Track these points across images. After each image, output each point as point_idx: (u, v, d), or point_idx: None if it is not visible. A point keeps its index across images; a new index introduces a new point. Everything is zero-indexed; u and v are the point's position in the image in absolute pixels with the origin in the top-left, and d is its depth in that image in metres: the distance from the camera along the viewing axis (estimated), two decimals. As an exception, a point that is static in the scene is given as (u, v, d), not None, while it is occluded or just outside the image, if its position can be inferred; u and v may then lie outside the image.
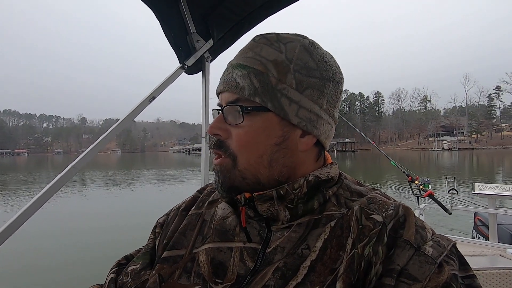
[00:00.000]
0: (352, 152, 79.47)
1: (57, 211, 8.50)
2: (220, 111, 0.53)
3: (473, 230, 3.91)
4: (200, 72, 1.29)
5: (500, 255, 2.12)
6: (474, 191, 2.94)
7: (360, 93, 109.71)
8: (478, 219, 3.83)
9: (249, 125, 0.49)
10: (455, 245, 0.46)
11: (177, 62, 1.23)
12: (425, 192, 2.73)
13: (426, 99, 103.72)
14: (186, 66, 1.20)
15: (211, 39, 1.23)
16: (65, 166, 0.95)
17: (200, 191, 0.66)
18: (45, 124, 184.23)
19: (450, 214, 2.76)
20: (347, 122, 2.92)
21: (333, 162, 0.56)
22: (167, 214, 0.65)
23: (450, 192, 3.23)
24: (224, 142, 0.51)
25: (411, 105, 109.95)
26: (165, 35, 1.17)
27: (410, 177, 2.91)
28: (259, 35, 0.54)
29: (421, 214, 3.03)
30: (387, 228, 0.46)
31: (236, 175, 0.50)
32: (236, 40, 1.26)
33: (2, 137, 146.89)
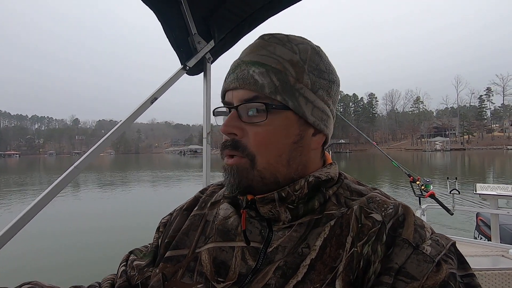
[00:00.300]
0: (346, 153, 79.99)
1: (53, 212, 8.40)
2: (231, 110, 0.51)
3: (475, 231, 3.84)
4: (201, 73, 1.29)
5: (502, 256, 2.10)
6: (476, 191, 2.88)
7: (354, 94, 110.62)
8: (480, 219, 3.75)
9: (269, 123, 0.49)
10: (454, 244, 0.46)
11: (174, 63, 1.23)
12: (426, 193, 2.70)
13: (419, 100, 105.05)
14: (187, 67, 1.20)
15: (212, 40, 1.23)
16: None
17: (202, 192, 0.66)
18: (37, 125, 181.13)
19: (452, 214, 2.73)
20: (349, 124, 2.95)
21: (333, 162, 0.57)
22: (171, 214, 0.66)
23: (451, 192, 3.16)
24: (240, 142, 0.50)
25: (404, 106, 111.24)
26: (166, 36, 1.17)
27: (412, 177, 2.88)
28: (267, 34, 0.54)
29: (423, 214, 2.98)
30: (386, 227, 0.46)
31: (254, 175, 0.49)
32: (237, 41, 1.27)
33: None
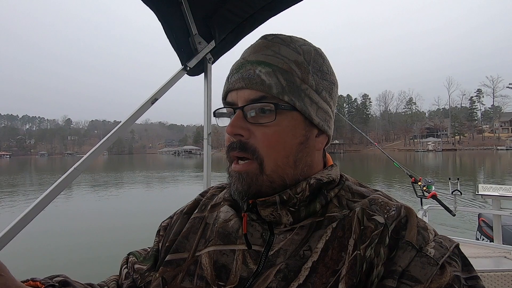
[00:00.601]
0: (340, 153, 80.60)
1: (51, 213, 8.31)
2: (235, 110, 0.50)
3: (477, 232, 3.78)
4: (202, 74, 1.29)
5: (504, 257, 2.10)
6: (478, 192, 2.84)
7: (348, 95, 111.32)
8: (482, 220, 3.69)
9: (277, 124, 0.48)
10: (458, 246, 0.46)
11: (174, 63, 1.22)
12: (428, 193, 2.68)
13: (411, 101, 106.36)
14: (188, 68, 1.19)
15: (213, 41, 1.23)
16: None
17: (202, 195, 0.66)
18: (28, 126, 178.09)
19: (454, 215, 2.71)
20: (351, 125, 2.93)
21: (334, 163, 0.57)
22: (171, 217, 0.65)
23: (453, 193, 3.09)
24: (248, 143, 0.49)
25: (397, 107, 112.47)
26: (167, 36, 1.16)
27: (413, 178, 2.85)
28: (269, 34, 0.54)
29: (425, 215, 2.94)
30: (389, 230, 0.46)
31: (264, 180, 0.48)
32: (237, 42, 1.27)
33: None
